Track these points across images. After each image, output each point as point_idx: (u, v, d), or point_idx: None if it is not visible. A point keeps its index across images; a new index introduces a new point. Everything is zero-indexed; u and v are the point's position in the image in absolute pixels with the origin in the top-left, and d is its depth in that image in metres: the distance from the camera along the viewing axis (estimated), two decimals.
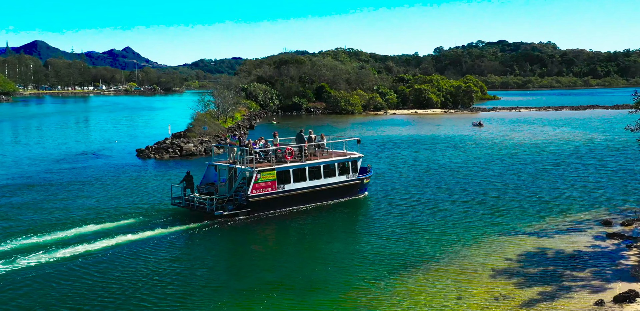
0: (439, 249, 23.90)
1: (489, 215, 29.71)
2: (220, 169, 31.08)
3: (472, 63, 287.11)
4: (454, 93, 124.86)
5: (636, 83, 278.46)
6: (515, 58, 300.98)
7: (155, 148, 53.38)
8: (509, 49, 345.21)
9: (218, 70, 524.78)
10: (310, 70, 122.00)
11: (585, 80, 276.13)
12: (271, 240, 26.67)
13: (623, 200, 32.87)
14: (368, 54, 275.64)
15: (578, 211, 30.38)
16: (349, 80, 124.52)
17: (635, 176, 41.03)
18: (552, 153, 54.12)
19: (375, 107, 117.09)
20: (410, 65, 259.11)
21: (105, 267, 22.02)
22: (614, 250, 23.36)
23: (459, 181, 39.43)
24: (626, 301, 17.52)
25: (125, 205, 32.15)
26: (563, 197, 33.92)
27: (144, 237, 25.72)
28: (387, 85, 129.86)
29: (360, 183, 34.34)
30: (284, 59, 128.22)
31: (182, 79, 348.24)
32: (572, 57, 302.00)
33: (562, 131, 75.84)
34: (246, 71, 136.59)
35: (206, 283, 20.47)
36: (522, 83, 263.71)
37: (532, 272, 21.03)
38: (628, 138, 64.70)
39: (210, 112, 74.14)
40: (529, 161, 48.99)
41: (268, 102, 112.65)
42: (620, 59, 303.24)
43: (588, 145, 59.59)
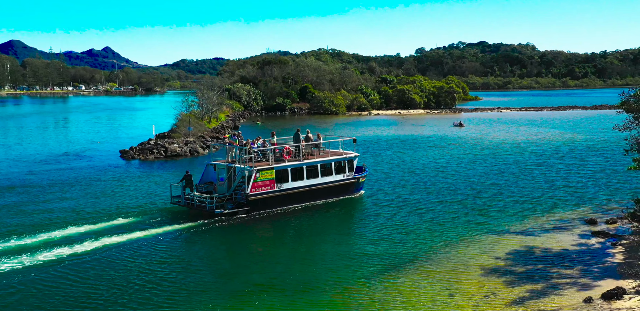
0: (428, 249, 24.10)
1: (475, 215, 30.02)
2: (219, 168, 31.33)
3: (453, 64, 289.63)
4: (436, 93, 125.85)
5: (613, 84, 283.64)
6: (496, 59, 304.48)
7: (140, 149, 52.88)
8: (489, 50, 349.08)
9: (199, 70, 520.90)
10: (293, 71, 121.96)
11: (564, 81, 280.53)
12: (267, 240, 26.67)
13: (605, 200, 33.47)
14: (350, 55, 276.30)
15: (562, 210, 30.88)
16: (332, 80, 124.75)
17: (615, 175, 41.79)
18: (534, 153, 54.85)
19: (359, 108, 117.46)
20: (392, 66, 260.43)
21: (104, 267, 21.94)
22: (600, 247, 23.82)
23: (444, 181, 39.76)
24: (614, 298, 17.87)
25: (124, 205, 32.09)
26: (546, 196, 34.41)
27: (143, 236, 25.85)
28: (370, 85, 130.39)
29: (356, 182, 34.88)
30: (267, 60, 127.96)
31: (163, 79, 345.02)
32: (550, 58, 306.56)
33: (543, 131, 76.94)
34: (229, 71, 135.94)
35: (198, 284, 20.37)
36: (503, 84, 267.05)
37: (521, 270, 21.34)
38: (607, 139, 65.96)
39: (194, 113, 73.63)
40: (511, 161, 49.59)
41: (252, 102, 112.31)
42: (597, 60, 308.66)
43: (569, 145, 60.55)
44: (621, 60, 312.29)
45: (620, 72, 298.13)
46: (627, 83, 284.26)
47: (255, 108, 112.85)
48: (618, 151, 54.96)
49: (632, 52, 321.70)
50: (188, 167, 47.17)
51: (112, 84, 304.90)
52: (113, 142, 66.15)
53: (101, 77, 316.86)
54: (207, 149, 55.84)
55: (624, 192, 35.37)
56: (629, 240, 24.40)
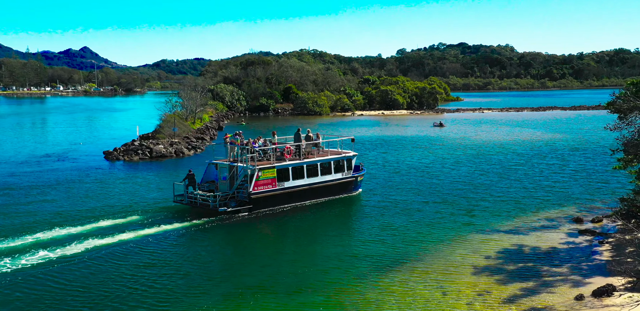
0: (418, 249, 24.22)
1: (462, 215, 30.25)
2: (221, 167, 31.94)
3: (434, 65, 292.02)
4: (419, 94, 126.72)
5: (589, 85, 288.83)
6: (476, 60, 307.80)
7: (124, 150, 52.31)
8: (469, 52, 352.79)
9: (180, 70, 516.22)
10: (277, 71, 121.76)
11: (542, 82, 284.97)
12: (266, 240, 26.74)
13: (589, 199, 34.03)
14: (332, 55, 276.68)
15: (548, 209, 31.33)
16: (315, 81, 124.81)
17: (596, 175, 42.54)
18: (517, 153, 55.52)
19: (343, 108, 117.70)
20: (374, 66, 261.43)
21: (101, 267, 21.91)
22: (587, 246, 24.28)
23: (429, 182, 40.01)
24: (604, 295, 18.25)
25: (126, 204, 32.34)
26: (531, 196, 34.85)
27: (148, 234, 26.20)
28: (354, 86, 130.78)
29: (355, 180, 35.54)
30: (250, 60, 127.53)
31: (143, 80, 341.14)
32: (529, 59, 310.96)
33: (525, 131, 77.98)
34: (212, 72, 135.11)
35: (190, 285, 20.25)
36: (483, 85, 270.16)
37: (512, 269, 21.65)
38: (587, 139, 67.17)
39: (178, 113, 73.08)
40: (495, 161, 50.13)
41: (235, 103, 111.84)
42: (574, 62, 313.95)
43: (550, 146, 61.43)
44: (597, 61, 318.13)
45: (597, 73, 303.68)
46: (603, 84, 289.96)
47: (239, 109, 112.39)
48: (598, 151, 56.07)
49: (607, 54, 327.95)
50: (174, 168, 47.00)
51: (91, 85, 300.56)
52: (95, 143, 65.30)
53: (80, 78, 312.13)
54: (192, 150, 55.51)
55: (605, 192, 36.07)
56: (615, 238, 24.91)
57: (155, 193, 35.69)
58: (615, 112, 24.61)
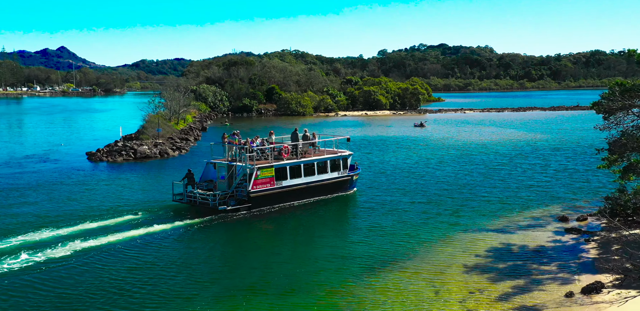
0: (409, 249, 24.37)
1: (449, 215, 30.42)
2: (220, 167, 32.41)
3: (415, 66, 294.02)
4: (401, 95, 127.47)
5: (567, 86, 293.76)
6: (456, 61, 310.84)
7: (107, 151, 51.73)
8: (449, 52, 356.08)
9: (160, 71, 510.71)
10: (260, 72, 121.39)
11: (521, 83, 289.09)
12: (260, 240, 26.87)
13: (572, 198, 34.51)
14: (314, 56, 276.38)
15: (533, 209, 31.77)
16: (299, 82, 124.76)
17: (578, 174, 43.21)
18: (499, 153, 56.13)
19: (326, 109, 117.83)
20: (356, 67, 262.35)
21: (108, 264, 22.15)
22: (574, 244, 24.73)
23: (415, 182, 40.20)
24: (594, 292, 18.63)
25: (124, 203, 32.70)
26: (516, 196, 35.25)
27: (148, 232, 26.53)
28: (336, 87, 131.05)
29: (350, 179, 36.15)
30: (233, 60, 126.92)
31: (122, 80, 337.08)
32: (508, 60, 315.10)
33: (506, 132, 78.98)
34: (194, 72, 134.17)
35: (182, 286, 20.14)
36: (464, 86, 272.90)
37: (502, 267, 21.96)
38: (567, 139, 68.33)
39: (162, 114, 72.46)
40: (478, 161, 50.61)
41: (218, 103, 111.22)
42: (552, 63, 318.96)
43: (531, 146, 62.28)
44: (574, 63, 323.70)
45: (574, 74, 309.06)
46: (580, 85, 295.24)
47: (222, 110, 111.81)
48: (578, 151, 57.06)
49: (584, 55, 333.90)
50: (160, 169, 46.64)
51: (69, 85, 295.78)
52: (77, 144, 64.38)
53: (57, 78, 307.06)
54: (177, 151, 55.10)
55: (587, 191, 36.66)
56: (600, 236, 25.42)
57: (150, 193, 35.78)
58: (600, 112, 25.09)
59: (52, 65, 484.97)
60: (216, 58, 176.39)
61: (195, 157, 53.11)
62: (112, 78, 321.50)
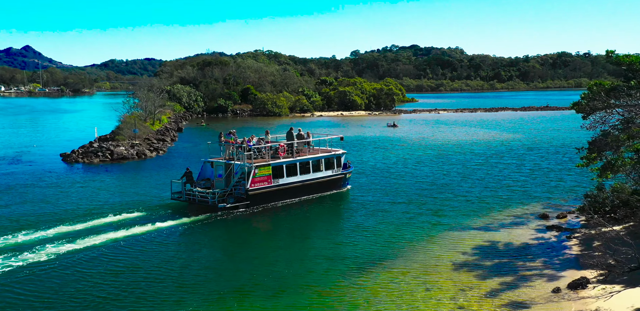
0: (395, 249, 24.48)
1: (431, 215, 30.57)
2: (217, 165, 33.09)
3: (388, 66, 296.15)
4: (376, 95, 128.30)
5: (535, 86, 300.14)
6: (428, 62, 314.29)
7: (83, 152, 50.74)
8: (421, 53, 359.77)
9: (130, 71, 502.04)
10: (234, 72, 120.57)
11: (492, 83, 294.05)
12: (255, 239, 27.14)
13: (548, 197, 35.10)
14: (287, 57, 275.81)
15: (513, 207, 32.27)
16: (274, 82, 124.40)
17: (552, 174, 44.01)
18: (475, 153, 56.88)
19: (302, 109, 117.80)
20: (329, 68, 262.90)
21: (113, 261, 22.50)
22: (557, 241, 25.36)
23: (395, 182, 40.40)
24: (579, 287, 19.16)
25: (124, 201, 33.35)
26: (495, 195, 35.70)
27: (149, 230, 26.97)
28: (311, 87, 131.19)
29: (344, 177, 37.16)
30: (207, 60, 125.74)
31: (91, 80, 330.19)
32: (478, 62, 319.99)
33: (480, 132, 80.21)
34: (167, 72, 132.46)
35: (178, 286, 19.94)
36: (436, 86, 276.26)
37: (489, 264, 22.38)
38: (539, 139, 69.82)
39: (136, 115, 71.37)
40: (454, 161, 51.19)
41: (193, 104, 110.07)
42: (520, 65, 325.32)
43: (506, 145, 63.35)
44: (542, 64, 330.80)
45: (542, 76, 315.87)
46: (548, 86, 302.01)
47: (197, 110, 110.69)
48: (551, 151, 58.36)
49: (551, 57, 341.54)
50: (140, 170, 46.05)
51: (35, 85, 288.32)
52: (50, 145, 62.88)
53: (23, 77, 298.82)
54: (154, 152, 54.38)
55: (563, 189, 37.42)
56: (581, 233, 26.13)
57: (148, 192, 36.33)
58: (580, 111, 25.75)
59: (17, 65, 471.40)
60: (189, 58, 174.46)
61: (172, 159, 52.56)
62: (80, 78, 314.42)
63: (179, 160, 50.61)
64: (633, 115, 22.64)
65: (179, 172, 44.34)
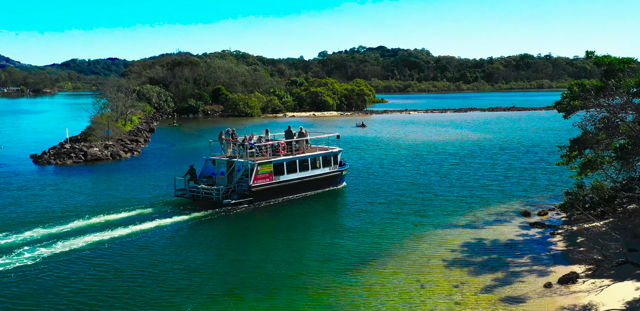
0: (383, 249, 24.42)
1: (413, 215, 30.60)
2: (219, 163, 34.08)
3: (356, 67, 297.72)
4: (348, 96, 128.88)
5: (499, 88, 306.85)
6: (396, 63, 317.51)
7: (55, 153, 49.35)
8: (388, 55, 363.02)
9: (93, 71, 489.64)
10: (205, 72, 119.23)
11: (458, 85, 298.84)
12: (252, 236, 27.27)
13: (526, 195, 35.72)
14: (255, 57, 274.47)
15: (493, 206, 32.74)
16: (245, 82, 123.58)
17: (526, 173, 44.87)
18: (449, 153, 57.49)
19: (274, 110, 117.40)
20: (298, 68, 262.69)
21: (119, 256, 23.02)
22: (542, 237, 25.99)
23: (372, 182, 40.53)
24: (570, 282, 19.70)
25: (126, 199, 34.14)
26: (474, 194, 36.04)
27: (152, 227, 27.71)
28: (282, 88, 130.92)
29: (340, 174, 38.43)
30: (177, 60, 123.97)
31: (53, 80, 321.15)
32: (445, 63, 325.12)
33: (452, 132, 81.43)
34: (136, 72, 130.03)
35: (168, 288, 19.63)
36: (403, 87, 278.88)
37: (479, 261, 22.79)
38: (509, 138, 71.36)
39: (108, 115, 69.83)
40: (430, 161, 51.66)
41: (163, 104, 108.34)
42: (485, 66, 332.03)
43: (478, 145, 64.36)
44: (505, 66, 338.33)
45: (505, 77, 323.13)
46: (512, 87, 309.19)
47: (167, 111, 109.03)
48: (522, 150, 59.67)
49: (514, 59, 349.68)
50: (115, 171, 45.13)
51: None
52: (18, 146, 61.01)
53: None
54: (129, 153, 53.33)
55: (538, 187, 38.27)
56: (564, 229, 26.87)
57: (141, 191, 36.87)
58: (562, 110, 26.41)
59: None
60: (156, 58, 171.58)
61: (148, 159, 51.71)
62: (40, 78, 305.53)
63: (154, 161, 49.94)
64: (612, 115, 23.36)
65: (161, 172, 43.91)
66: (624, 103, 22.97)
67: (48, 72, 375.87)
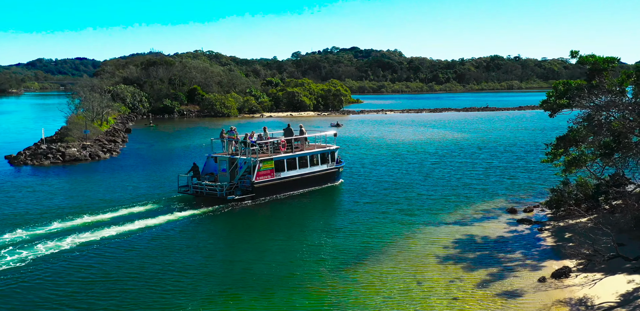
0: (375, 248, 24.48)
1: (401, 214, 30.74)
2: (221, 160, 34.87)
3: (330, 68, 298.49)
4: (325, 96, 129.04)
5: (471, 88, 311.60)
6: (369, 64, 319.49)
7: (31, 154, 48.09)
8: (361, 56, 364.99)
9: (60, 70, 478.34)
10: (180, 72, 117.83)
11: (430, 85, 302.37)
12: (250, 233, 27.51)
13: (507, 194, 36.03)
14: (228, 57, 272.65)
15: (478, 203, 33.15)
16: (221, 82, 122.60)
17: (507, 171, 45.66)
18: (429, 153, 57.83)
19: (250, 110, 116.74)
20: (272, 68, 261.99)
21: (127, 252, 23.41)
22: (530, 233, 26.51)
23: (355, 182, 40.68)
24: (563, 276, 20.16)
25: (129, 196, 34.94)
26: (458, 193, 36.34)
27: (159, 222, 28.33)
28: (259, 88, 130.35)
29: (337, 171, 39.58)
30: (152, 60, 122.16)
31: (18, 80, 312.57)
32: (417, 64, 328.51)
33: (430, 132, 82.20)
34: (109, 72, 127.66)
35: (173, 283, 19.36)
36: (377, 88, 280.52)
37: (472, 257, 23.13)
38: (486, 138, 72.48)
39: (83, 115, 68.41)
40: (411, 160, 51.97)
41: (137, 104, 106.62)
42: (457, 67, 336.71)
43: (456, 145, 65.04)
44: (476, 67, 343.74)
45: (477, 78, 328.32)
46: (483, 88, 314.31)
47: (142, 111, 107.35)
48: (500, 150, 60.63)
49: (485, 60, 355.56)
50: (90, 172, 44.42)
51: None
52: None
53: None
54: (108, 153, 52.33)
55: (520, 186, 38.80)
56: (550, 225, 27.46)
57: (139, 189, 37.50)
58: (548, 109, 26.96)
59: None
60: (127, 58, 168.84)
61: (128, 159, 50.89)
62: (5, 78, 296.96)
63: (137, 161, 49.25)
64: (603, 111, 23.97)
65: (148, 172, 43.79)
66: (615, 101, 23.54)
67: (14, 72, 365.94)
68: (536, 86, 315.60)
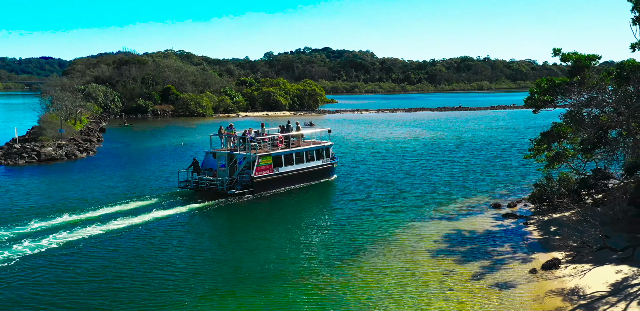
0: (366, 245, 24.52)
1: (386, 211, 30.82)
2: (220, 156, 35.63)
3: (303, 68, 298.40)
4: (300, 96, 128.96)
5: (442, 89, 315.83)
6: (342, 64, 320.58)
7: (4, 153, 46.77)
8: (333, 56, 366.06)
9: (24, 70, 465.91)
10: (153, 72, 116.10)
11: (403, 86, 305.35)
12: (248, 228, 27.65)
13: (488, 191, 36.56)
14: (200, 57, 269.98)
15: (461, 200, 33.69)
16: (195, 82, 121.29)
17: (485, 168, 46.51)
18: (408, 151, 58.27)
19: (226, 110, 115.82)
20: (245, 68, 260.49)
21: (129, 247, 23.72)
22: (516, 227, 27.05)
23: (339, 180, 40.73)
24: (553, 267, 20.65)
25: (132, 190, 35.91)
26: (442, 190, 36.79)
27: (160, 216, 29.06)
28: (233, 88, 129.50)
29: (332, 167, 40.82)
30: (124, 59, 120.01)
31: None
32: (389, 65, 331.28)
33: (406, 131, 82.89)
34: (80, 71, 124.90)
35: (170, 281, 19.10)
36: (350, 88, 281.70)
37: (463, 250, 23.48)
38: (462, 136, 73.60)
39: (56, 115, 66.83)
40: (390, 159, 52.46)
41: (110, 104, 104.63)
42: (428, 68, 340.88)
43: (433, 143, 65.78)
44: (447, 67, 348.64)
45: (448, 78, 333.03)
46: (454, 88, 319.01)
47: (115, 111, 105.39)
48: (477, 148, 61.62)
49: (455, 61, 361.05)
50: (64, 172, 43.57)
51: None
52: None
53: None
54: (84, 152, 51.24)
55: (500, 182, 39.64)
56: (535, 219, 28.07)
57: (133, 186, 37.83)
58: (532, 106, 27.54)
59: None
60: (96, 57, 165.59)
61: (106, 159, 49.98)
62: None
63: (115, 161, 48.50)
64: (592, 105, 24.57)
65: (134, 170, 43.53)
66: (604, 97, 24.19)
67: None
68: (505, 86, 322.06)
